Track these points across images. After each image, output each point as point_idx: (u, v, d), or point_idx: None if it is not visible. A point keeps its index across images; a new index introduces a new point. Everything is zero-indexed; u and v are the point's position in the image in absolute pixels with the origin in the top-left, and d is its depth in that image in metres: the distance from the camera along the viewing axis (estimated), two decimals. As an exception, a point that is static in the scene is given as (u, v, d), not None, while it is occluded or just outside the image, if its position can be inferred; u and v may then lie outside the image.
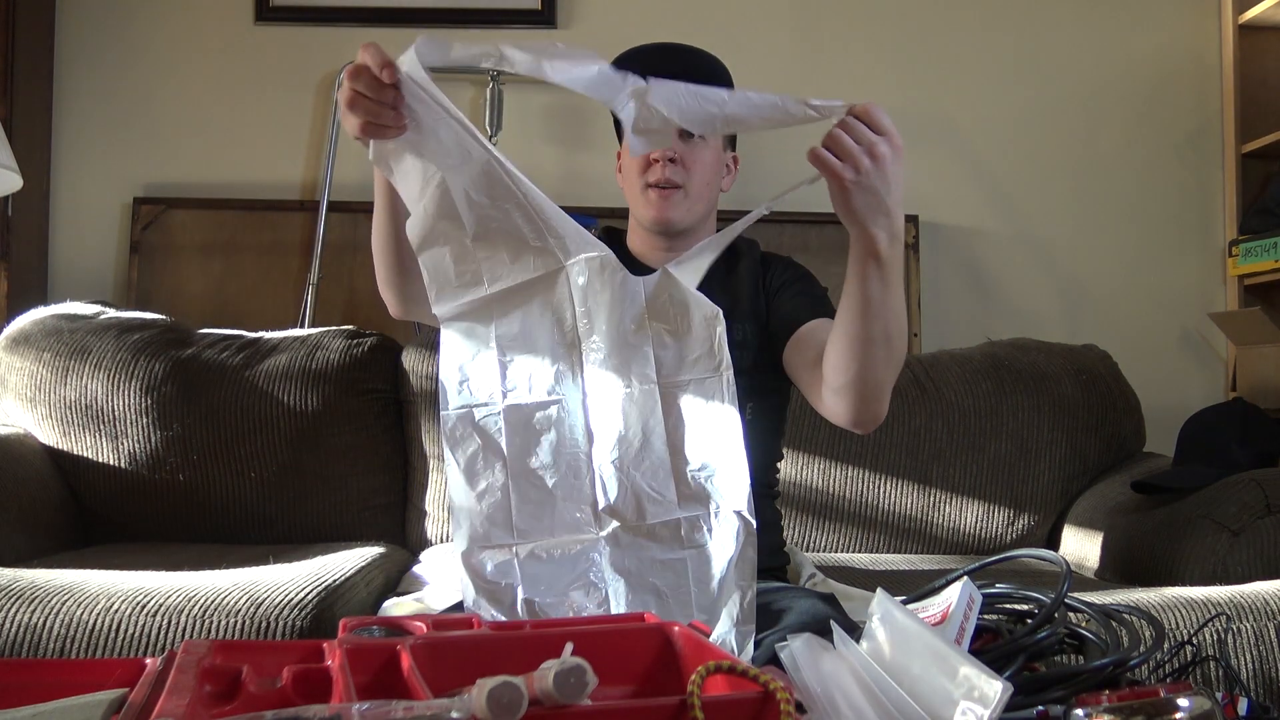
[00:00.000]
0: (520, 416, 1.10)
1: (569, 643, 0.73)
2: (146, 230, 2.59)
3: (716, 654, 0.75)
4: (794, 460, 2.06)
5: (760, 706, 0.67)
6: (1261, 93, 2.69)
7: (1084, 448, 2.12)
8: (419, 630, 0.81)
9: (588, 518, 1.09)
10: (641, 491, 1.08)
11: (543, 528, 1.09)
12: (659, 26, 2.68)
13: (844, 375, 1.18)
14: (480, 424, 1.10)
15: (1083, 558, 1.95)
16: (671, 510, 1.08)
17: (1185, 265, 2.77)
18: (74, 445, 1.98)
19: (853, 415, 1.22)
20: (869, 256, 1.08)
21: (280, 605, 1.32)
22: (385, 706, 0.59)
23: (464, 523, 1.10)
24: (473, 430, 1.10)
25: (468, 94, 2.67)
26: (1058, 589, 0.97)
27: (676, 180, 1.39)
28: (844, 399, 1.21)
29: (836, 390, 1.21)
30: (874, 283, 1.10)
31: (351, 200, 2.61)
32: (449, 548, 1.97)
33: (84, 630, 1.27)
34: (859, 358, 1.15)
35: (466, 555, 1.09)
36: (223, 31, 2.67)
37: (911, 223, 2.64)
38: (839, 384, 1.20)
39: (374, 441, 2.06)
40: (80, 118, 2.65)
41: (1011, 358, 2.19)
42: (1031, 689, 0.86)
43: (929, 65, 2.74)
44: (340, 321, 2.30)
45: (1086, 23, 2.77)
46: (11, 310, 2.30)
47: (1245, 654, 1.33)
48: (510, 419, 1.10)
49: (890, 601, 0.83)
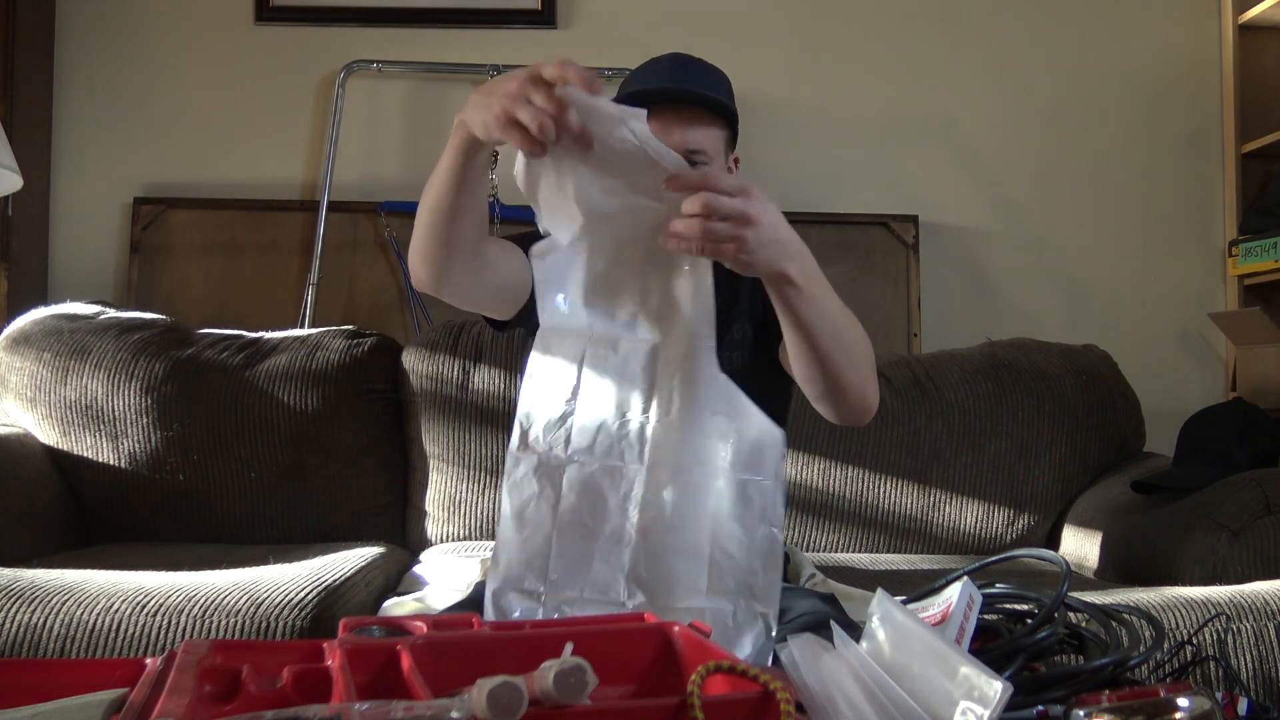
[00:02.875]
0: (580, 475, 1.11)
1: (569, 643, 0.73)
2: (146, 230, 2.59)
3: (716, 654, 0.75)
4: (794, 460, 2.06)
5: (760, 706, 0.67)
6: (1261, 93, 2.69)
7: (1084, 448, 2.12)
8: (419, 630, 0.81)
9: (618, 584, 1.11)
10: (673, 572, 1.10)
11: (575, 583, 1.10)
12: (659, 27, 2.69)
13: (816, 387, 1.22)
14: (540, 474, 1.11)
15: (1083, 558, 1.95)
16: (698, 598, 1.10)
17: (1185, 265, 2.77)
18: (74, 445, 1.98)
19: (840, 416, 1.26)
20: (787, 288, 1.10)
21: (280, 605, 1.32)
22: (385, 706, 0.59)
23: (501, 560, 1.10)
24: (532, 477, 1.11)
25: (468, 94, 2.65)
26: (1058, 589, 0.96)
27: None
28: (825, 406, 1.25)
29: (817, 400, 1.25)
30: (803, 307, 1.12)
31: (351, 200, 2.61)
32: (449, 548, 1.98)
33: (84, 630, 1.27)
34: (821, 370, 1.18)
35: (497, 594, 1.10)
36: (223, 31, 2.67)
37: (911, 223, 2.64)
38: (815, 395, 1.24)
39: (374, 441, 2.06)
40: (80, 118, 2.65)
41: (1011, 358, 2.19)
42: (1031, 689, 0.85)
43: (929, 65, 2.74)
44: (340, 321, 2.30)
45: (1087, 23, 2.77)
46: (11, 310, 2.30)
47: (1245, 654, 1.33)
48: (570, 476, 1.11)
49: (890, 601, 0.83)
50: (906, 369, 2.17)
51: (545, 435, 1.12)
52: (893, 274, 2.64)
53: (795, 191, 2.57)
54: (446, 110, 2.68)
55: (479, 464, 2.03)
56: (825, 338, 1.15)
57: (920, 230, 2.66)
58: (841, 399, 1.22)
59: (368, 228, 2.62)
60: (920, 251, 2.65)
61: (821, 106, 2.69)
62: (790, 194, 2.53)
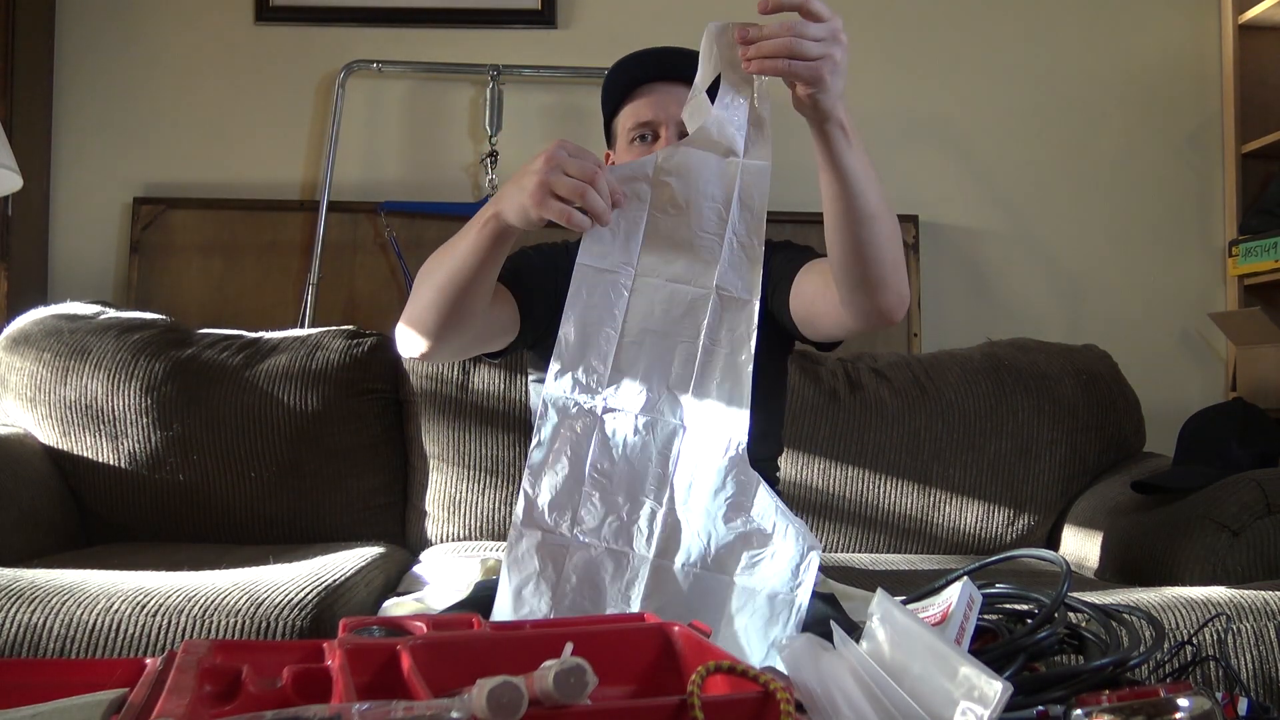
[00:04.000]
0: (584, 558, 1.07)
1: (569, 643, 0.73)
2: (146, 230, 2.59)
3: (717, 654, 0.75)
4: (794, 460, 2.06)
5: (760, 706, 0.67)
6: (1261, 93, 2.69)
7: (1084, 448, 2.12)
8: (419, 630, 0.81)
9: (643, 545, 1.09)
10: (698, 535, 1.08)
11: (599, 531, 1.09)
12: (659, 27, 2.68)
13: (855, 267, 1.16)
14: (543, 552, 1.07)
15: (1083, 558, 1.95)
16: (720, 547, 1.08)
17: (1185, 265, 2.77)
18: (74, 445, 1.98)
19: (877, 305, 1.20)
20: (838, 133, 1.08)
21: (280, 605, 1.32)
22: (385, 706, 0.59)
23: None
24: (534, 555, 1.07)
25: (468, 94, 2.67)
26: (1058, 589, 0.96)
27: None
28: (862, 294, 1.19)
29: (854, 287, 1.19)
30: (849, 157, 1.09)
31: (351, 200, 2.61)
32: (449, 548, 1.98)
33: (84, 630, 1.27)
34: (861, 240, 1.14)
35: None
36: (223, 31, 2.67)
37: (911, 223, 2.64)
38: (854, 280, 1.18)
39: (374, 441, 2.06)
40: (80, 118, 2.65)
41: (1011, 358, 2.19)
42: (1031, 689, 0.85)
43: (929, 65, 2.74)
44: (340, 321, 2.30)
45: (1086, 23, 2.77)
46: (11, 310, 2.30)
47: (1245, 654, 1.33)
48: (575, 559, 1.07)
49: (890, 601, 0.83)
50: (906, 369, 2.17)
51: (551, 511, 1.08)
52: (893, 274, 2.64)
53: (795, 191, 2.56)
54: (446, 110, 2.68)
55: (479, 464, 2.03)
56: (868, 196, 1.12)
57: (920, 230, 2.66)
58: (880, 282, 1.17)
59: (368, 228, 2.62)
60: (920, 251, 2.65)
61: (821, 106, 2.69)
62: (790, 194, 2.52)
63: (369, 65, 2.61)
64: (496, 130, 2.60)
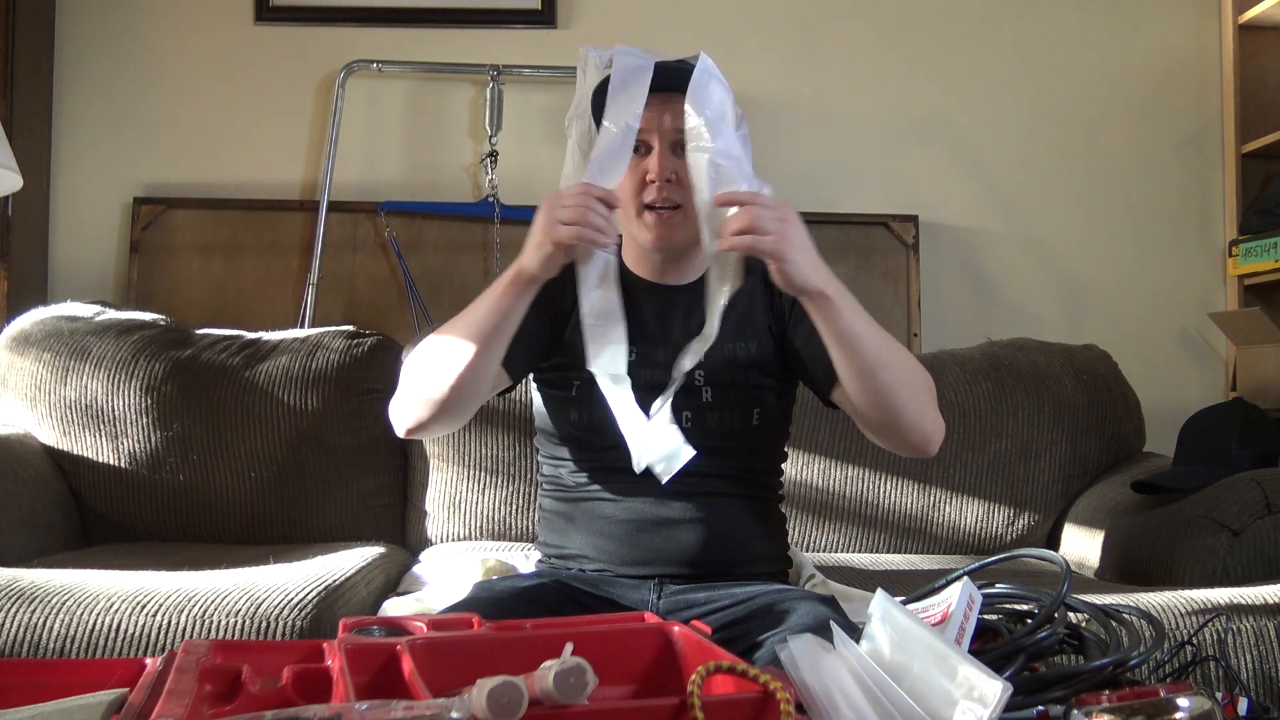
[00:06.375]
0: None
1: (569, 643, 0.73)
2: (146, 230, 2.59)
3: (717, 654, 0.75)
4: (794, 460, 2.06)
5: (760, 706, 0.67)
6: (1261, 93, 2.69)
7: (1084, 448, 2.12)
8: (419, 630, 0.81)
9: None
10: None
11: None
12: (659, 27, 2.69)
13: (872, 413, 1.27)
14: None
15: (1083, 558, 1.95)
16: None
17: (1185, 265, 2.77)
18: (74, 445, 1.98)
19: (899, 446, 1.31)
20: (825, 302, 1.19)
21: (280, 605, 1.32)
22: (385, 706, 0.59)
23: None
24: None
25: (468, 93, 2.67)
26: (1058, 589, 0.96)
27: (675, 199, 1.31)
28: (884, 436, 1.30)
29: (877, 430, 1.30)
30: (842, 321, 1.20)
31: (351, 200, 2.61)
32: (449, 548, 1.98)
33: (84, 630, 1.27)
34: (872, 392, 1.23)
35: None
36: (223, 31, 2.67)
37: (911, 223, 2.64)
38: (874, 425, 1.29)
39: (374, 441, 2.06)
40: (80, 118, 2.65)
41: (1011, 358, 2.19)
42: (1031, 689, 0.85)
43: (929, 65, 2.74)
44: (340, 321, 2.30)
45: (1087, 23, 2.77)
46: (11, 310, 2.30)
47: (1245, 654, 1.33)
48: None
49: (890, 602, 0.83)
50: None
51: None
52: (893, 274, 2.64)
53: (796, 191, 2.57)
54: (446, 110, 2.68)
55: (479, 464, 2.03)
56: (869, 353, 1.21)
57: (920, 230, 2.65)
58: (897, 426, 1.26)
59: (368, 228, 2.62)
60: (920, 251, 2.65)
61: (822, 106, 2.69)
62: (791, 194, 2.52)
63: (369, 65, 2.61)
64: (496, 130, 2.60)
